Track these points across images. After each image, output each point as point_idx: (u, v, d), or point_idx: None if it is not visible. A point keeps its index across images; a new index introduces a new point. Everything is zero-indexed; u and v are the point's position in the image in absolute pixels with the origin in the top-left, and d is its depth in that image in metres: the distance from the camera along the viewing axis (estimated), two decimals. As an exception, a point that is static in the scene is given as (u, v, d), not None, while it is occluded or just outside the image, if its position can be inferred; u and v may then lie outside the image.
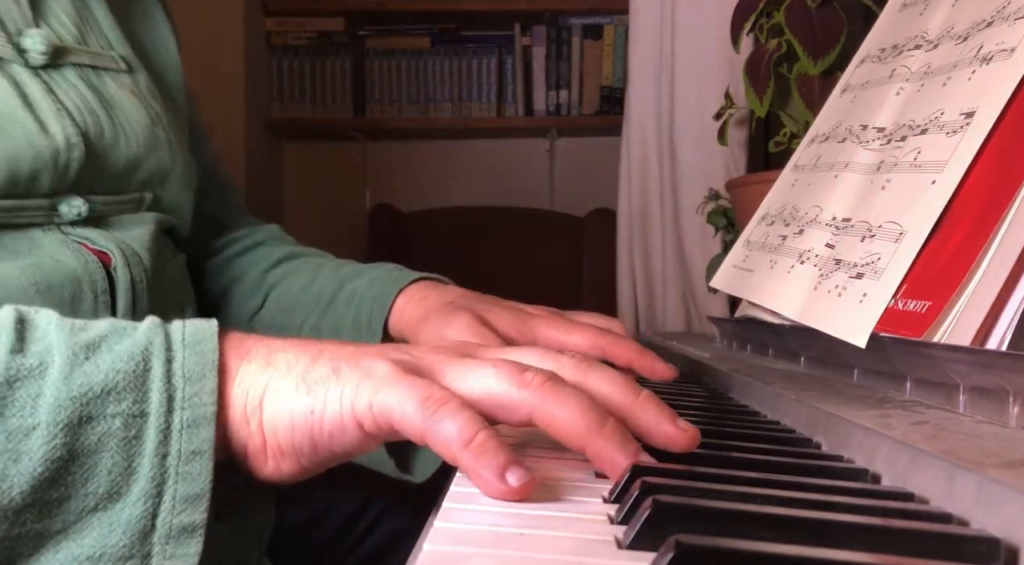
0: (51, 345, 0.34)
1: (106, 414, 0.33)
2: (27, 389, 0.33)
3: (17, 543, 0.32)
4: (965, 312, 0.45)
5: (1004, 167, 0.48)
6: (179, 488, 0.34)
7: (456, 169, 2.61)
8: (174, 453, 0.34)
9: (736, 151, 1.34)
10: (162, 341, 0.36)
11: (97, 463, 0.33)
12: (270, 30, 2.50)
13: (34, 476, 0.32)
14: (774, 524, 0.30)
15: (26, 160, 0.50)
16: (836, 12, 0.90)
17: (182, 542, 0.34)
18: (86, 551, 0.33)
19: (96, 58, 0.60)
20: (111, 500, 0.33)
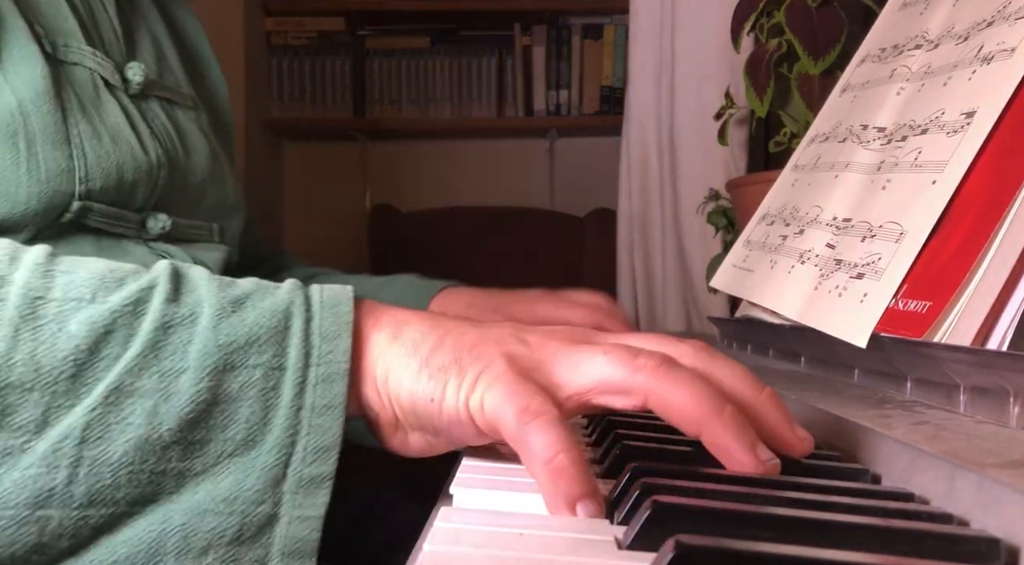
0: (202, 297, 0.37)
1: (248, 364, 0.36)
2: (179, 335, 0.35)
3: (162, 479, 0.34)
4: (965, 312, 0.45)
5: (1004, 167, 0.48)
6: (311, 440, 0.36)
7: (456, 169, 2.61)
8: (308, 406, 0.36)
9: (736, 151, 1.34)
10: (302, 302, 0.38)
11: (237, 410, 0.35)
12: (270, 30, 2.50)
13: (181, 416, 0.34)
14: (774, 524, 0.30)
15: (129, 171, 0.57)
16: (836, 12, 0.90)
17: (311, 491, 0.36)
18: (222, 493, 0.35)
19: (172, 93, 0.68)
20: (248, 447, 0.35)
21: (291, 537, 0.35)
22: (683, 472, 0.37)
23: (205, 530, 0.34)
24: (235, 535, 0.35)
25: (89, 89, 0.57)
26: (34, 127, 0.50)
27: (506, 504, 0.35)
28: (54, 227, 0.53)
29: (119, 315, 0.35)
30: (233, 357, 0.36)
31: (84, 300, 0.35)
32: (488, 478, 0.39)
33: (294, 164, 2.63)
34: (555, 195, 2.59)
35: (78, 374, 0.34)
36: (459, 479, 0.38)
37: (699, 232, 1.38)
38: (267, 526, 0.35)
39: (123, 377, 0.34)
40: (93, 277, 0.37)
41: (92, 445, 0.33)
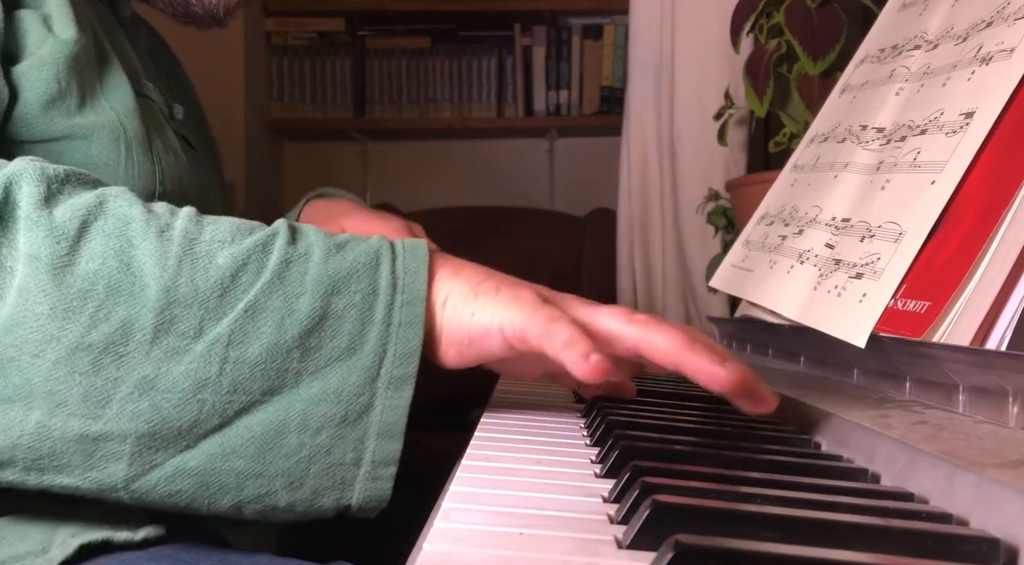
0: (312, 242, 0.47)
1: (350, 290, 0.46)
2: (298, 267, 0.46)
3: (286, 375, 0.44)
4: (964, 312, 0.45)
5: (1003, 167, 0.48)
6: (398, 348, 0.46)
7: (456, 169, 2.61)
8: (395, 322, 0.46)
9: (736, 151, 1.34)
10: (388, 246, 0.49)
11: (341, 325, 0.45)
12: (270, 30, 2.50)
13: (301, 326, 0.44)
14: (774, 524, 0.30)
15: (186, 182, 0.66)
16: (836, 12, 0.90)
17: (399, 386, 0.45)
18: (332, 387, 0.44)
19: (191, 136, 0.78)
20: (350, 353, 0.45)
21: (384, 421, 0.45)
22: (683, 472, 0.37)
23: (319, 414, 0.44)
24: (342, 418, 0.44)
25: (157, 116, 0.68)
26: (131, 135, 0.61)
27: (506, 504, 0.35)
28: None
29: (252, 252, 0.45)
30: (339, 284, 0.46)
31: (226, 241, 0.46)
32: (488, 478, 0.39)
33: (294, 164, 2.63)
34: (555, 195, 2.59)
35: (224, 294, 0.44)
36: (459, 478, 0.38)
37: (699, 232, 1.38)
38: (365, 412, 0.45)
39: (257, 297, 0.44)
40: (232, 226, 0.47)
41: (235, 347, 0.43)
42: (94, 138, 0.58)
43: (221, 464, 0.44)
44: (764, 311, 0.70)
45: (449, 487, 0.37)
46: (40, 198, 0.45)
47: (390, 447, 0.45)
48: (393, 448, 0.45)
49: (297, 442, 0.44)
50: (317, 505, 0.45)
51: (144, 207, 0.47)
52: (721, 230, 1.22)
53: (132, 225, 0.45)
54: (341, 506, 0.46)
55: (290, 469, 0.44)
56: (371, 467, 0.45)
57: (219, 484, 0.44)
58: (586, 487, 0.38)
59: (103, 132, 0.59)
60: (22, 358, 0.42)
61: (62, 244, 0.43)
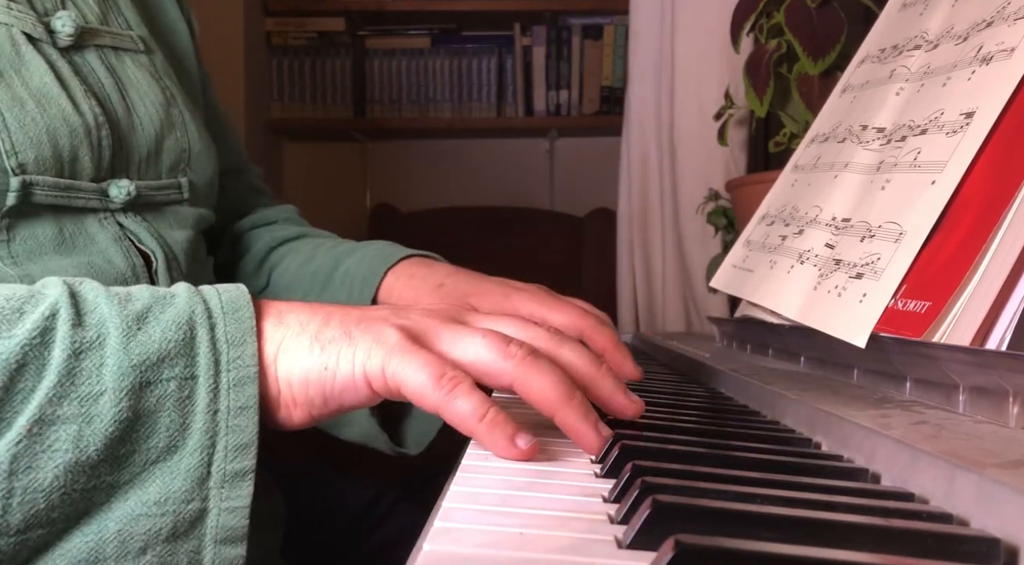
0: (104, 317, 0.38)
1: (162, 379, 0.38)
2: (91, 359, 0.37)
3: (93, 494, 0.36)
4: (965, 312, 0.45)
5: (1004, 167, 0.48)
6: (230, 439, 0.38)
7: (456, 169, 2.61)
8: (223, 409, 0.39)
9: (736, 151, 1.34)
10: (203, 310, 0.40)
11: (157, 421, 0.37)
12: (270, 30, 2.50)
13: (106, 435, 0.36)
14: (774, 524, 0.30)
15: (64, 136, 0.53)
16: (836, 12, 0.90)
17: (235, 485, 0.38)
18: (152, 497, 0.37)
19: (117, 39, 0.62)
20: (170, 452, 0.38)
21: (222, 527, 0.38)
22: (683, 472, 0.37)
23: (140, 533, 0.37)
24: (170, 533, 0.37)
25: (7, 48, 0.52)
26: None
27: (506, 504, 0.35)
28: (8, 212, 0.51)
29: (28, 348, 0.36)
30: (147, 374, 0.37)
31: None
32: (488, 478, 0.39)
33: (294, 164, 2.63)
34: (555, 195, 2.59)
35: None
36: (459, 478, 0.38)
37: (699, 232, 1.38)
38: (198, 520, 0.38)
39: (43, 408, 0.35)
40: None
41: (22, 475, 0.35)
42: None
43: None
44: (764, 311, 0.70)
45: (449, 487, 0.37)
46: None
47: (232, 553, 0.39)
48: (236, 554, 0.39)
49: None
50: None
51: None
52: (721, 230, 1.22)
53: None
54: None
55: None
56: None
57: None
58: (586, 487, 0.38)
59: None
60: None
61: None
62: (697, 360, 0.77)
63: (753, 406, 0.59)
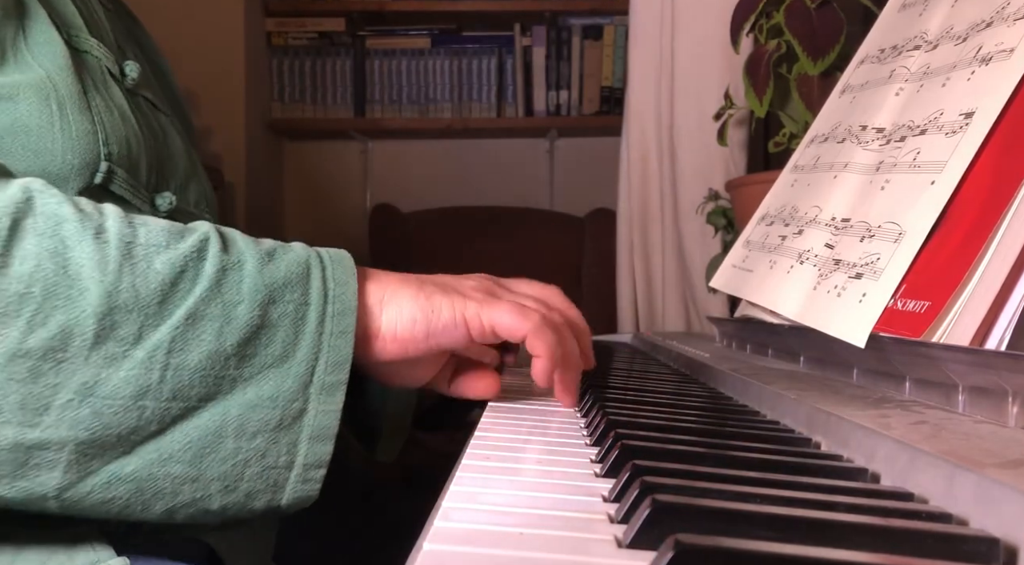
0: (243, 249, 0.48)
1: (284, 300, 0.47)
2: (233, 276, 0.46)
3: (222, 382, 0.45)
4: (964, 312, 0.45)
5: (1003, 167, 0.48)
6: (330, 356, 0.47)
7: (456, 169, 2.61)
8: (327, 332, 0.48)
9: (736, 151, 1.34)
10: (316, 257, 0.50)
11: (276, 333, 0.46)
12: (270, 30, 2.50)
13: (240, 334, 0.45)
14: (774, 524, 0.30)
15: (135, 145, 0.62)
16: (836, 12, 0.90)
17: (331, 393, 0.47)
18: (267, 393, 0.46)
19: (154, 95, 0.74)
20: (283, 359, 0.46)
21: (317, 425, 0.47)
22: (683, 472, 0.37)
23: (255, 419, 0.45)
24: (277, 423, 0.46)
25: (98, 73, 0.63)
26: (62, 93, 0.56)
27: (506, 504, 0.35)
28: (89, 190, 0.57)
29: (188, 259, 0.45)
30: (274, 294, 0.47)
31: (161, 246, 0.45)
32: (488, 478, 0.39)
33: (294, 164, 2.63)
34: (555, 195, 2.59)
35: (164, 301, 0.44)
36: (459, 478, 0.38)
37: (699, 232, 1.38)
38: (299, 417, 0.46)
39: (197, 305, 0.44)
40: (162, 229, 0.46)
41: (176, 354, 0.44)
42: (20, 98, 0.54)
43: (158, 470, 0.43)
44: (764, 311, 0.70)
45: (449, 487, 0.37)
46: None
47: (321, 450, 0.46)
48: (324, 451, 0.46)
49: (233, 447, 0.45)
50: (249, 507, 0.46)
51: (73, 204, 0.45)
52: (721, 230, 1.22)
53: (65, 225, 0.43)
54: (271, 507, 0.46)
55: (226, 473, 0.45)
56: (303, 470, 0.46)
57: (154, 490, 0.44)
58: (586, 487, 0.38)
59: (29, 90, 0.55)
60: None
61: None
62: (697, 360, 0.77)
63: (753, 406, 0.59)
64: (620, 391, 0.62)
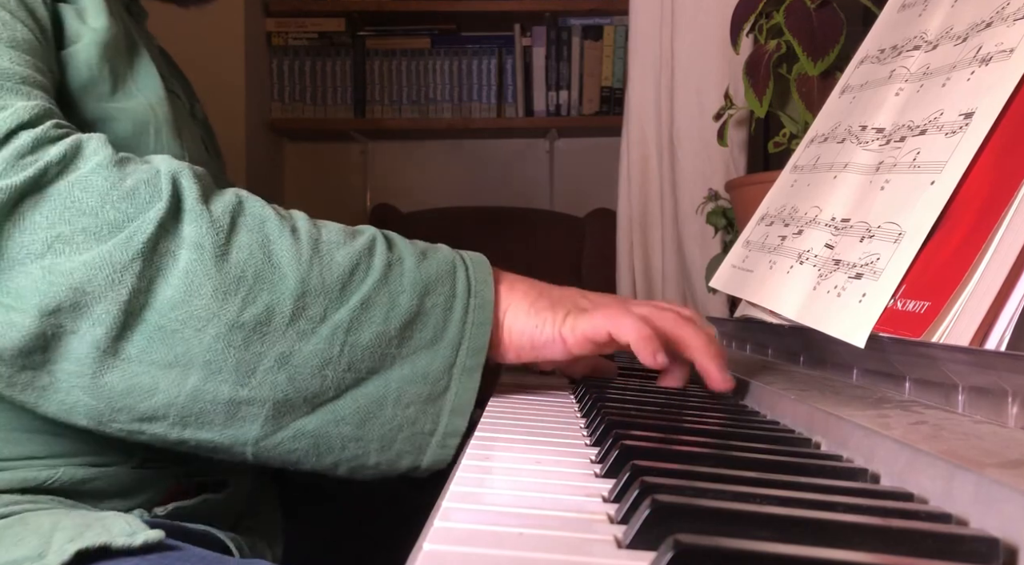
0: (402, 248, 0.57)
1: (436, 292, 0.55)
2: (396, 270, 0.55)
3: (384, 359, 0.53)
4: (964, 312, 0.45)
5: (1003, 167, 0.48)
6: (471, 343, 0.55)
7: (456, 169, 2.61)
8: (470, 322, 0.56)
9: (736, 151, 1.34)
10: (460, 258, 0.58)
11: (428, 320, 0.54)
12: (270, 30, 2.50)
13: (401, 319, 0.53)
14: (774, 524, 0.30)
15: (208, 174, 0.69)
16: (835, 12, 0.90)
17: (470, 374, 0.55)
18: (420, 370, 0.54)
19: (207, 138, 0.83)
20: (433, 343, 0.54)
21: (457, 400, 0.55)
22: (683, 472, 0.37)
23: (409, 391, 0.53)
24: (427, 396, 0.54)
25: (183, 112, 0.72)
26: (161, 120, 0.64)
27: (506, 504, 0.35)
28: None
29: (362, 254, 0.54)
30: (429, 286, 0.55)
31: (340, 243, 0.54)
32: (488, 478, 0.39)
33: (294, 164, 2.63)
34: (555, 195, 2.59)
35: (344, 288, 0.52)
36: (459, 478, 0.39)
37: (699, 232, 1.38)
38: (444, 393, 0.54)
39: (370, 293, 0.53)
40: (339, 229, 0.56)
41: (352, 333, 0.52)
42: (126, 122, 0.61)
43: (332, 429, 0.52)
44: (764, 311, 0.71)
45: (449, 487, 0.37)
46: (199, 194, 0.51)
47: (459, 422, 0.54)
48: (461, 423, 0.54)
49: (392, 413, 0.53)
50: (397, 465, 0.55)
51: (272, 208, 0.54)
52: (721, 230, 1.22)
53: (268, 223, 0.53)
54: (413, 466, 0.55)
55: (383, 435, 0.53)
56: (442, 437, 0.54)
57: (327, 445, 0.53)
58: (586, 487, 0.38)
59: (133, 116, 0.62)
60: (185, 331, 0.49)
61: (220, 235, 0.50)
62: (697, 360, 0.77)
63: (753, 406, 0.59)
64: (620, 391, 0.62)
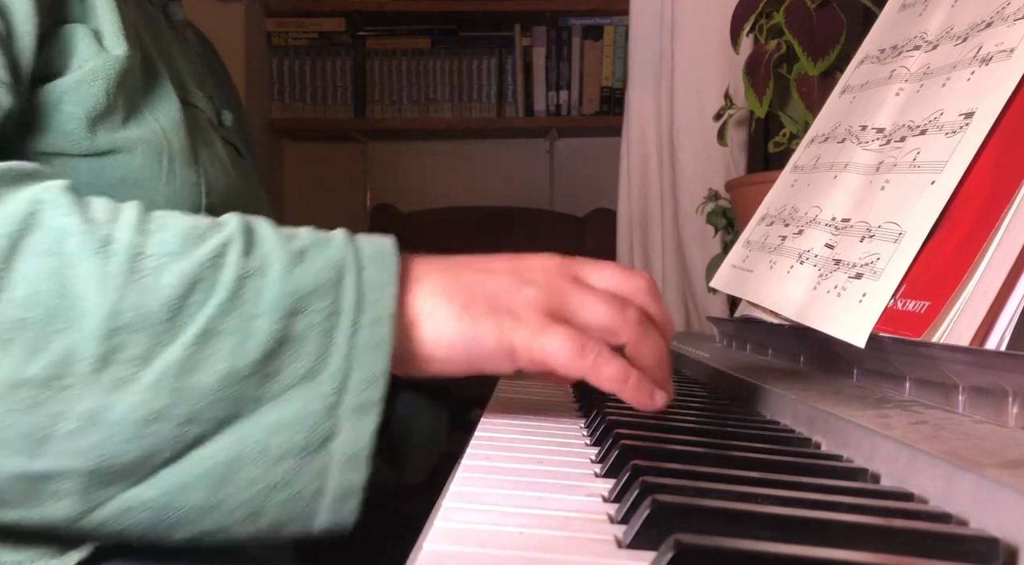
0: (270, 250, 0.44)
1: (311, 309, 0.42)
2: (254, 284, 0.42)
3: (242, 403, 0.41)
4: (964, 312, 0.45)
5: (1003, 167, 0.48)
6: (362, 372, 0.42)
7: (456, 169, 2.61)
8: (360, 344, 0.43)
9: (736, 151, 1.34)
10: (353, 255, 0.45)
11: (302, 347, 0.42)
12: (270, 30, 2.50)
13: (259, 350, 0.41)
14: (774, 524, 0.30)
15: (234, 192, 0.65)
16: (836, 12, 0.90)
17: (362, 414, 0.42)
18: (291, 414, 0.41)
19: (239, 142, 0.77)
20: (311, 376, 0.42)
21: (347, 450, 0.42)
22: (683, 472, 0.37)
23: (278, 443, 0.41)
24: (302, 448, 0.42)
25: (204, 126, 0.67)
26: (174, 149, 0.59)
27: (506, 504, 0.35)
28: None
29: (204, 267, 0.42)
30: (299, 303, 0.42)
31: (174, 254, 0.42)
32: (488, 478, 0.39)
33: (294, 164, 2.63)
34: (555, 195, 2.59)
35: (174, 317, 0.41)
36: (459, 478, 0.38)
37: (699, 232, 1.38)
38: (327, 440, 0.42)
39: (210, 320, 0.41)
40: (180, 233, 0.43)
41: (188, 375, 0.40)
42: (137, 152, 0.57)
43: (177, 498, 0.41)
44: (764, 311, 0.70)
45: (449, 487, 0.37)
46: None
47: (354, 478, 0.42)
48: (357, 478, 0.42)
49: (255, 473, 0.41)
50: (280, 534, 0.43)
51: (82, 213, 0.42)
52: (721, 230, 1.22)
53: (69, 240, 0.41)
54: (303, 532, 0.44)
55: (249, 501, 0.41)
56: (333, 500, 0.42)
57: (177, 518, 0.41)
58: (586, 487, 0.38)
59: (146, 146, 0.57)
60: None
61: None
62: (697, 360, 0.77)
63: (753, 406, 0.59)
64: (620, 391, 0.62)
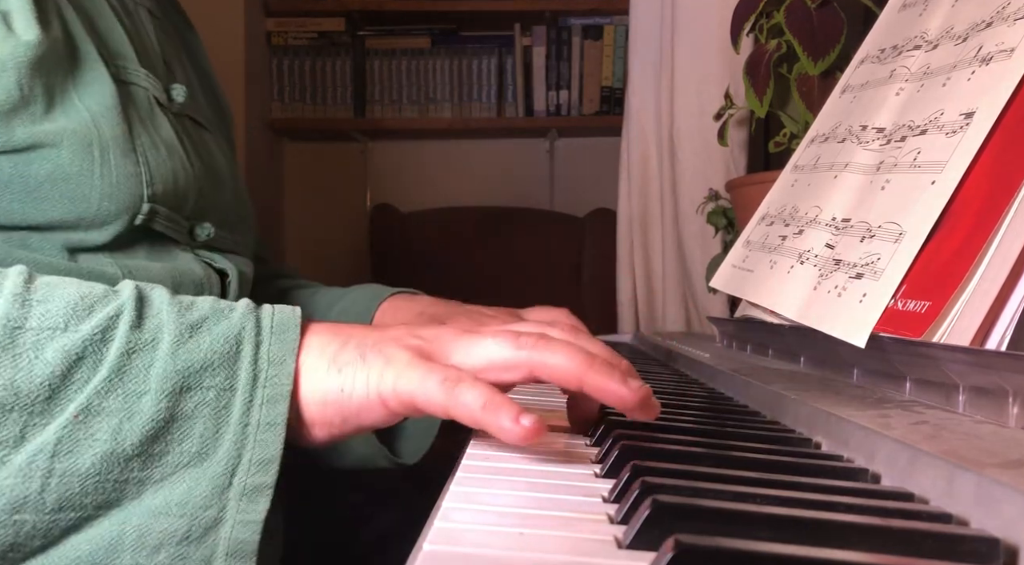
0: (163, 322, 0.41)
1: (203, 386, 0.40)
2: (141, 360, 0.40)
3: (124, 487, 0.39)
4: (965, 312, 0.45)
5: (1003, 167, 0.48)
6: (255, 453, 0.40)
7: (456, 169, 2.61)
8: (254, 423, 0.41)
9: (736, 151, 1.34)
10: (253, 327, 0.43)
11: (192, 426, 0.40)
12: (270, 30, 2.50)
13: (143, 432, 0.39)
14: (774, 524, 0.30)
15: (181, 179, 0.62)
16: (836, 12, 0.90)
17: (253, 498, 0.40)
18: (176, 498, 0.39)
19: (199, 114, 0.72)
20: (200, 458, 0.40)
21: (234, 539, 0.40)
22: (683, 472, 0.37)
23: (158, 530, 0.39)
24: (184, 535, 0.39)
25: (146, 106, 0.62)
26: (107, 138, 0.55)
27: (506, 504, 0.35)
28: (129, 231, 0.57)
29: (89, 343, 0.40)
30: (189, 380, 0.40)
31: (58, 329, 0.40)
32: (488, 478, 0.39)
33: (294, 164, 2.63)
34: (555, 195, 2.59)
35: (52, 396, 0.38)
36: (459, 478, 0.38)
37: (699, 232, 1.38)
38: (213, 528, 0.40)
39: (91, 398, 0.38)
40: (67, 305, 0.41)
41: (63, 458, 0.38)
42: (63, 145, 0.52)
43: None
44: (764, 311, 0.70)
45: (449, 487, 0.37)
46: None
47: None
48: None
49: (131, 563, 0.39)
50: None
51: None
52: (721, 230, 1.22)
53: None
54: None
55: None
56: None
57: None
58: (586, 487, 0.38)
59: (73, 137, 0.53)
60: None
61: None
62: (697, 360, 0.77)
63: (753, 406, 0.59)
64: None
